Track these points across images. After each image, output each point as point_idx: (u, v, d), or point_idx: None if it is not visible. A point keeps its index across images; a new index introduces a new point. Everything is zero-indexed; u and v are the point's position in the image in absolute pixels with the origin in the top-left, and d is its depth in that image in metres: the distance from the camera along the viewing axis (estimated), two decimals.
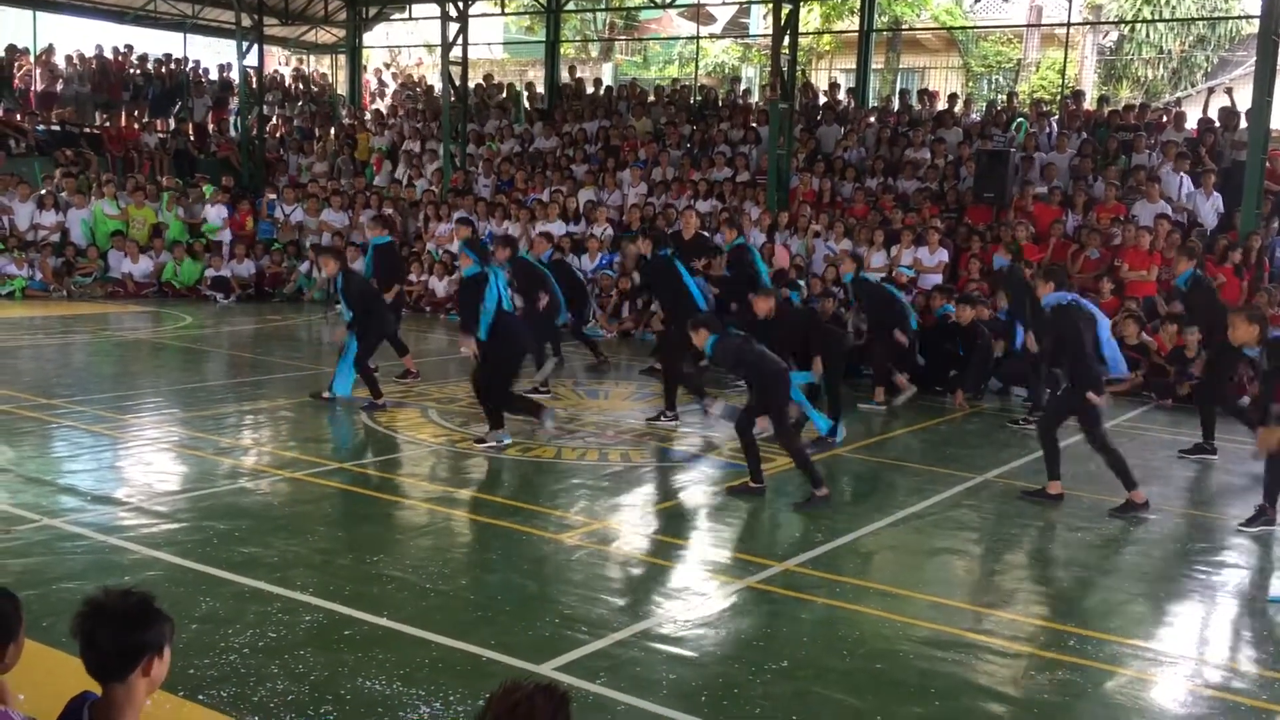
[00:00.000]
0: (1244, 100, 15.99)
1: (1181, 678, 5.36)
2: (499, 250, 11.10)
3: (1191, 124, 17.55)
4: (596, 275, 16.96)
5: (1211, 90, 19.68)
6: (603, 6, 29.58)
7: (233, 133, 24.29)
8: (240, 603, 5.67)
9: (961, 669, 5.30)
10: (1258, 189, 14.39)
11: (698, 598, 6.15)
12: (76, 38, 25.66)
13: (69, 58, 24.14)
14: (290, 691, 4.72)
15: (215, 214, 19.98)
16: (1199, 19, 30.87)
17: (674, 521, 7.68)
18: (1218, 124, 17.02)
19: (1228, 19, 30.17)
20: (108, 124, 23.26)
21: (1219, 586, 6.81)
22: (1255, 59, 14.88)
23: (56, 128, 22.59)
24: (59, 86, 23.46)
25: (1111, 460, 8.06)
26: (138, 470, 8.32)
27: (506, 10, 29.45)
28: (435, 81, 25.83)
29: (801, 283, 13.22)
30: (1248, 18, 26.74)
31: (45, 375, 11.79)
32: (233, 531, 6.80)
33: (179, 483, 8.00)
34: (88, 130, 22.89)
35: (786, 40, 17.53)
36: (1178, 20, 30.88)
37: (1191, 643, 5.93)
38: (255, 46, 23.13)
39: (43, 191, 19.56)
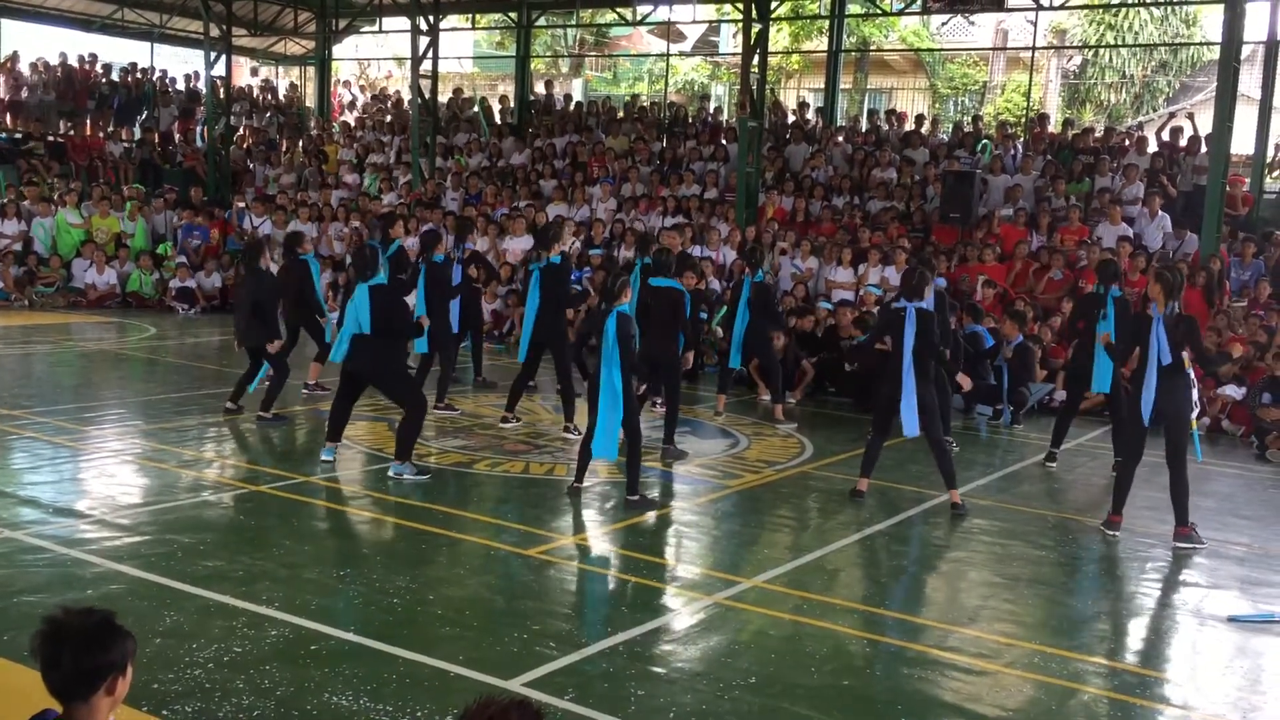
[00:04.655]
0: (1204, 125, 16.26)
1: (1146, 696, 5.41)
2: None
3: (1153, 148, 17.79)
4: None
5: (1172, 115, 19.97)
6: (573, 23, 29.65)
7: (199, 143, 24.13)
8: (205, 617, 5.61)
9: (928, 686, 5.33)
10: (1218, 213, 14.62)
11: (666, 613, 6.16)
12: (42, 45, 25.47)
13: (34, 65, 23.91)
14: (256, 707, 4.68)
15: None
16: (1161, 44, 31.36)
17: (642, 537, 7.68)
18: (1181, 145, 17.25)
19: (1189, 45, 30.66)
20: (72, 132, 23.04)
21: (1180, 605, 6.91)
22: (1216, 85, 15.13)
23: (19, 135, 22.37)
24: (23, 94, 23.23)
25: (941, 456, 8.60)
26: (100, 482, 8.23)
27: (477, 25, 29.44)
28: (406, 94, 25.79)
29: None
30: (1208, 44, 27.20)
31: (6, 385, 11.63)
32: (197, 545, 6.74)
33: (142, 495, 7.92)
34: (52, 138, 22.67)
35: (756, 59, 17.65)
36: (1140, 45, 31.37)
37: (1156, 660, 6.01)
38: (223, 57, 23.01)
39: (4, 200, 19.34)
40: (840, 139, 20.44)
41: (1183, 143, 17.18)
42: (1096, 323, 9.75)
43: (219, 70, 23.03)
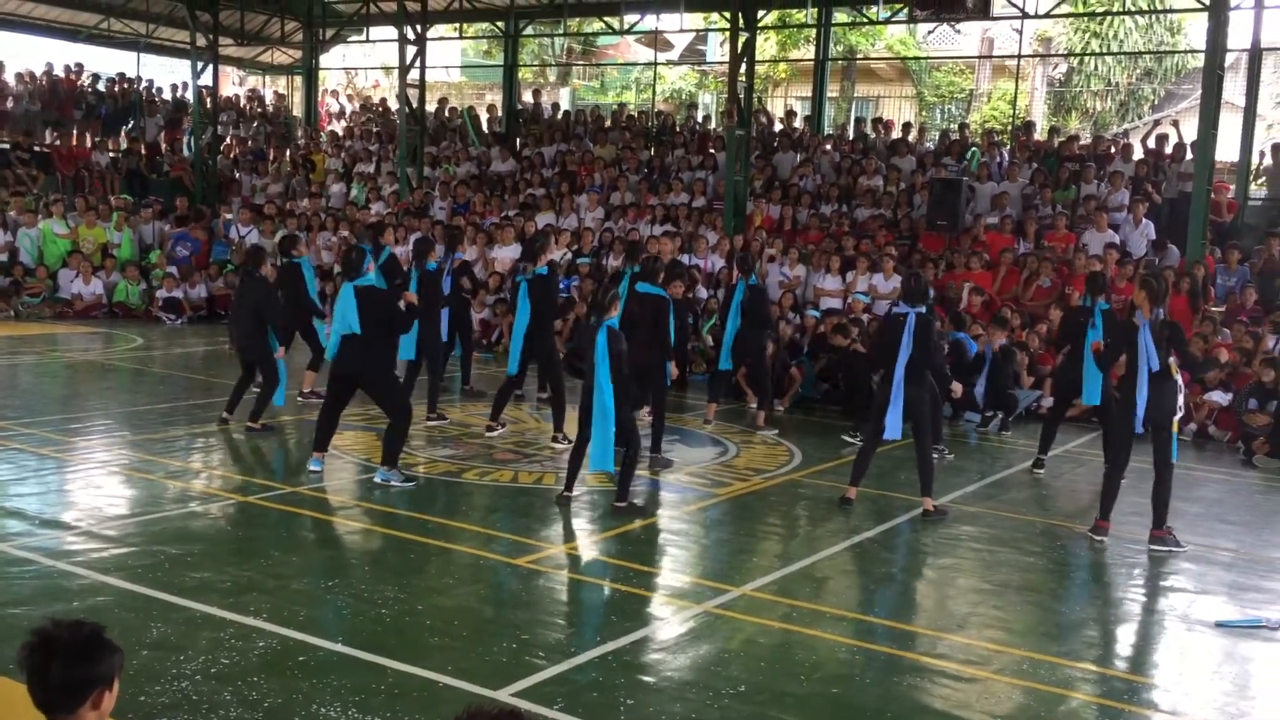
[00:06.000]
0: (1189, 132, 16.35)
1: (1134, 701, 5.42)
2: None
3: (1139, 155, 17.88)
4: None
5: (1157, 122, 20.08)
6: (561, 32, 29.68)
7: (186, 153, 24.08)
8: (192, 629, 5.59)
9: (917, 693, 5.34)
10: (1203, 220, 14.68)
11: (656, 622, 6.15)
12: (27, 55, 25.42)
13: (19, 75, 23.85)
14: (244, 719, 4.65)
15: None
16: (1146, 52, 31.54)
17: (631, 545, 7.67)
18: (1166, 153, 17.34)
19: (1174, 53, 30.86)
20: (58, 143, 22.97)
21: (1168, 610, 6.92)
22: (1200, 92, 15.21)
23: (5, 146, 22.29)
24: (9, 104, 23.17)
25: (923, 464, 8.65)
26: (86, 494, 8.18)
27: (465, 34, 29.44)
28: (393, 103, 25.78)
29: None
30: (1193, 52, 27.38)
31: None
32: (184, 556, 6.71)
33: (128, 506, 7.89)
34: (38, 148, 22.60)
35: (743, 68, 17.69)
36: (1125, 54, 31.53)
37: (1144, 666, 6.02)
38: (210, 67, 22.97)
39: None
40: (828, 147, 20.48)
41: (1168, 150, 17.28)
42: (1085, 334, 9.82)
43: (206, 80, 22.98)
